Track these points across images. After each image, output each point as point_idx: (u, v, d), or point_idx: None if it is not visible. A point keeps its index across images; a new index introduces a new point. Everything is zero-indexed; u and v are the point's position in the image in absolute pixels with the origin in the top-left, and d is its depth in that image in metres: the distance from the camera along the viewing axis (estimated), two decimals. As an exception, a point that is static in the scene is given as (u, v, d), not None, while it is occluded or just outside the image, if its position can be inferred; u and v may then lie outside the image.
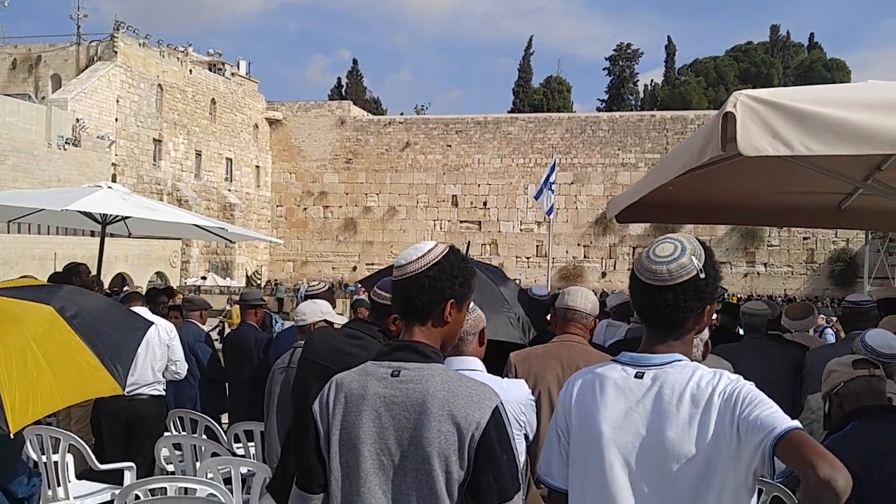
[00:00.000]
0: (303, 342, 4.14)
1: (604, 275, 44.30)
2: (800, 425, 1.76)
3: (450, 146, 46.55)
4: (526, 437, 3.19)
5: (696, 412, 1.88)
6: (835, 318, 15.49)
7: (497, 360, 3.58)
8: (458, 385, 2.06)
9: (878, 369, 2.85)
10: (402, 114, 56.14)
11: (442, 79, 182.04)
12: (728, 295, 31.64)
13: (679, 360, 1.98)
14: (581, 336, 3.68)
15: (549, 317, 5.75)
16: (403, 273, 2.17)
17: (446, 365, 3.01)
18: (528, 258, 45.45)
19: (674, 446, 1.88)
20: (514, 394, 3.15)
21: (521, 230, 45.61)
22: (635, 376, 1.99)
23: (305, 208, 48.45)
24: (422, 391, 2.05)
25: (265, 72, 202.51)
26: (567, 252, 44.73)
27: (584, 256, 45.10)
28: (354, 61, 77.61)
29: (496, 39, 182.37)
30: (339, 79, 73.99)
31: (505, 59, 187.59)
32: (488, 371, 3.11)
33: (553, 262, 39.01)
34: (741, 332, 5.77)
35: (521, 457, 3.13)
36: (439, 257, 2.17)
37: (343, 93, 67.25)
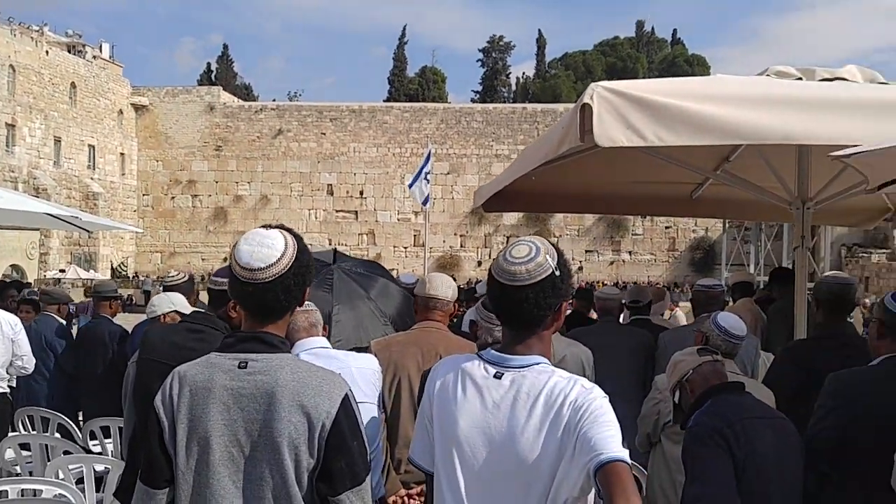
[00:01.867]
0: None
1: (479, 264, 44.95)
2: (626, 458, 1.83)
3: (324, 134, 45.96)
4: (378, 405, 3.24)
5: (546, 419, 1.92)
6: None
7: None
8: (307, 375, 2.07)
9: (718, 355, 3.09)
10: (274, 100, 54.84)
11: (315, 65, 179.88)
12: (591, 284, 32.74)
13: (538, 364, 2.01)
14: (441, 322, 3.71)
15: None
16: (263, 277, 2.08)
17: (298, 346, 3.04)
18: (405, 248, 45.55)
19: (522, 451, 1.92)
20: (368, 364, 3.28)
21: (398, 220, 45.63)
22: (495, 376, 2.01)
23: (173, 197, 46.71)
24: (271, 382, 2.04)
25: (130, 55, 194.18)
26: (444, 242, 45.12)
27: (461, 246, 45.63)
28: (225, 46, 75.25)
29: (370, 27, 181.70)
30: (209, 64, 71.94)
31: (379, 48, 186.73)
32: None
33: (430, 252, 39.21)
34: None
35: (382, 423, 3.19)
36: (296, 253, 2.12)
37: (213, 78, 65.24)
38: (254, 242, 2.11)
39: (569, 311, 7.61)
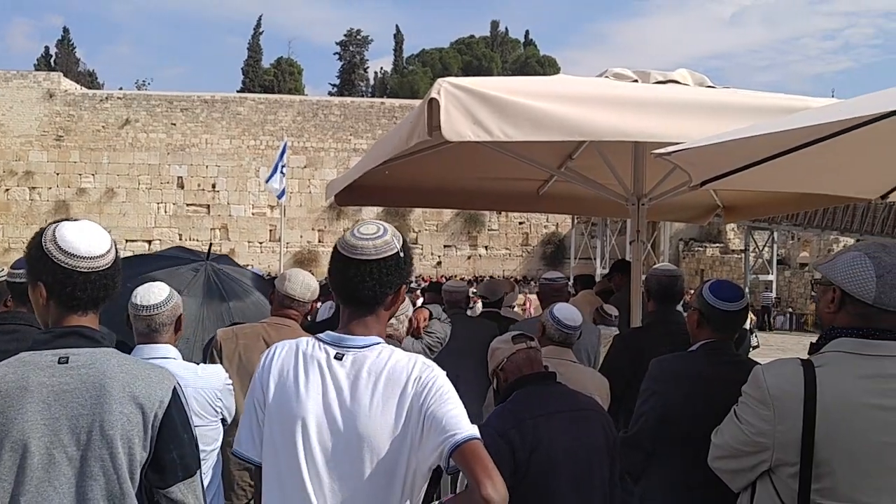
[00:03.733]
0: None
1: (337, 259, 44.58)
2: (477, 434, 1.91)
3: (174, 125, 44.18)
4: (223, 421, 3.14)
5: (390, 398, 1.95)
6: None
7: None
8: (135, 367, 2.03)
9: (534, 341, 3.14)
10: (121, 89, 52.22)
11: (165, 54, 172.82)
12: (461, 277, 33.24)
13: (377, 343, 2.04)
14: (294, 320, 3.67)
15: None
16: (104, 263, 2.03)
17: (137, 352, 2.93)
18: (261, 243, 44.48)
19: (367, 431, 1.94)
20: (210, 380, 3.16)
21: (253, 214, 44.48)
22: (335, 357, 2.02)
23: (8, 189, 43.55)
24: (98, 374, 1.95)
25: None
26: (301, 237, 44.42)
27: (319, 241, 45.04)
28: (65, 29, 71.21)
29: (224, 16, 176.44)
30: (48, 48, 67.58)
31: (233, 38, 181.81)
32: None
33: (287, 247, 38.62)
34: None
35: (218, 441, 3.09)
36: (116, 245, 2.11)
37: (52, 63, 61.41)
38: (80, 231, 2.04)
39: (421, 303, 7.73)
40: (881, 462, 2.20)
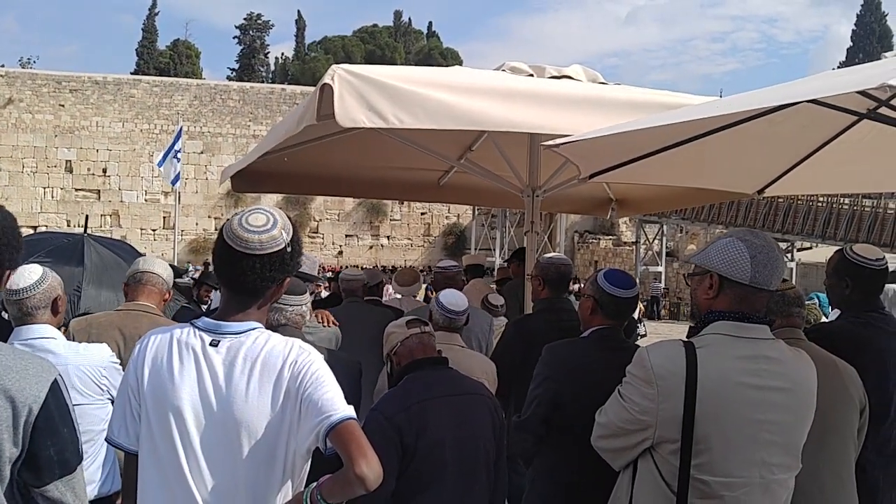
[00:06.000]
0: None
1: (235, 247, 43.61)
2: (353, 414, 1.93)
3: (63, 106, 42.17)
4: (112, 401, 3.07)
5: (267, 383, 1.95)
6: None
7: None
8: (10, 358, 1.92)
9: (428, 326, 3.16)
10: (2, 66, 49.49)
11: (53, 31, 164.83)
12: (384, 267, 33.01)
13: (254, 329, 2.03)
14: (154, 305, 3.58)
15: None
16: None
17: (16, 334, 2.83)
18: (154, 230, 43.07)
19: (245, 417, 1.94)
20: (93, 358, 3.10)
21: (146, 200, 42.99)
22: (211, 344, 2.00)
23: None
24: None
25: None
26: (197, 224, 43.25)
27: (215, 229, 43.89)
28: (-60, 0, 66.78)
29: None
30: (-79, 19, 63.48)
31: (127, 17, 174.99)
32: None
33: (182, 235, 37.55)
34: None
35: (106, 421, 3.03)
36: None
37: (-74, 36, 57.66)
38: None
39: (327, 294, 7.71)
40: (753, 437, 2.35)
